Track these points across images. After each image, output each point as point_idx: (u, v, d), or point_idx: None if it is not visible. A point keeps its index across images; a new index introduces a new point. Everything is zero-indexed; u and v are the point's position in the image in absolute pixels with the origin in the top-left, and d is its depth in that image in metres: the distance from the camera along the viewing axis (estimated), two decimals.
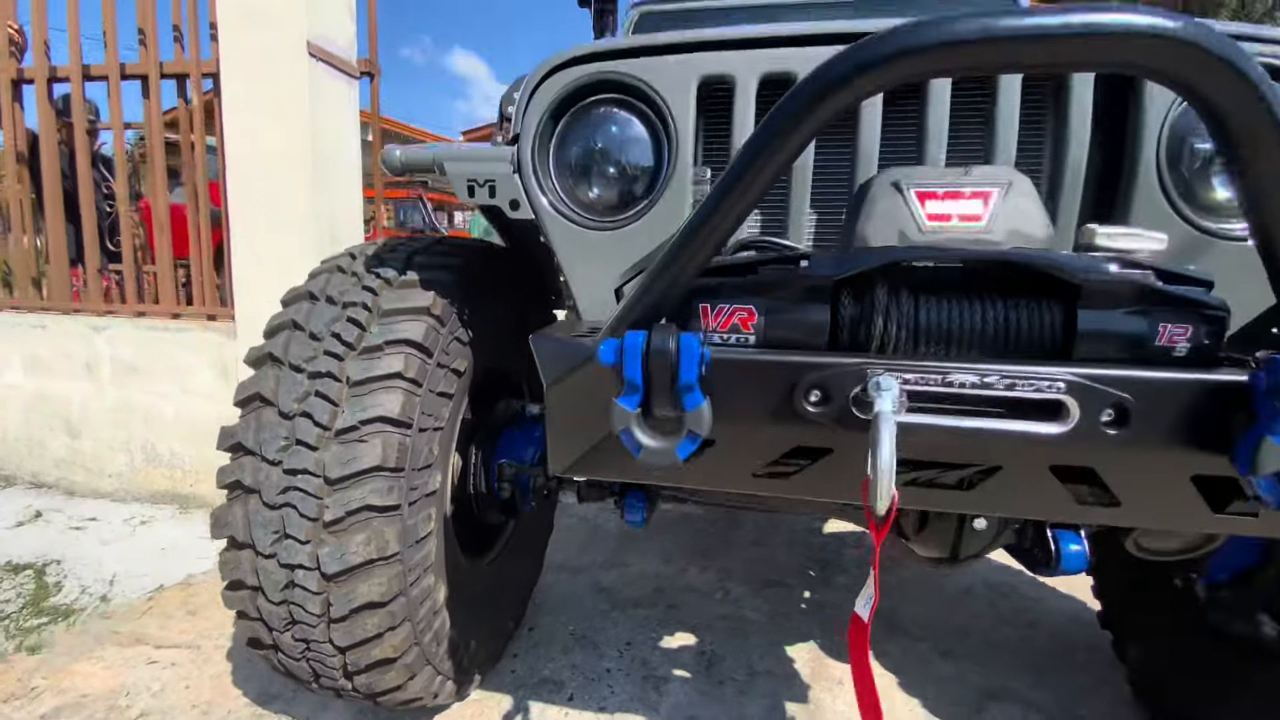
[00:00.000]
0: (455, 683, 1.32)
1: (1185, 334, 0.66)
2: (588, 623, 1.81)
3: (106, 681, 1.55)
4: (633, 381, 0.68)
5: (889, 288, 0.72)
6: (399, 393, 1.07)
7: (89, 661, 1.63)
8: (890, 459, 0.58)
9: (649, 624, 1.82)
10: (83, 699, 1.49)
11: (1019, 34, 0.50)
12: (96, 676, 1.57)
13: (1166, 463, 0.65)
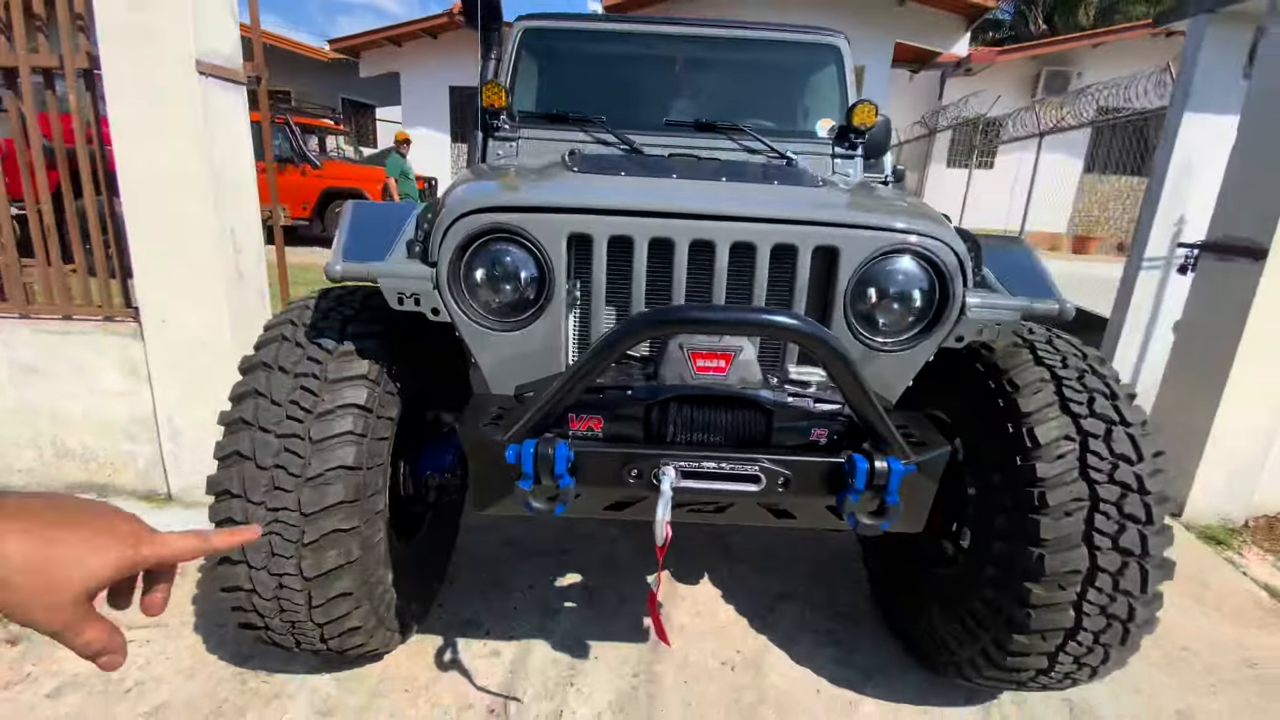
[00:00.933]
0: (400, 634, 1.80)
1: (825, 433, 1.23)
2: (497, 573, 2.33)
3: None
4: (526, 472, 1.14)
5: (676, 407, 1.22)
6: (351, 446, 1.45)
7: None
8: (664, 514, 1.10)
9: (546, 568, 2.37)
10: (76, 677, 1.81)
11: (721, 319, 0.98)
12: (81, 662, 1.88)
13: (813, 501, 1.23)
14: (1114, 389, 1.54)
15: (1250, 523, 3.04)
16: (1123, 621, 1.45)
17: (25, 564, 0.51)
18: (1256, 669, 2.07)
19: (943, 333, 1.41)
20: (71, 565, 0.52)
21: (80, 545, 0.53)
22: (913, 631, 1.92)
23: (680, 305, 1.05)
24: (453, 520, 2.32)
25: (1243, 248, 2.76)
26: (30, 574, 0.51)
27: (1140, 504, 1.42)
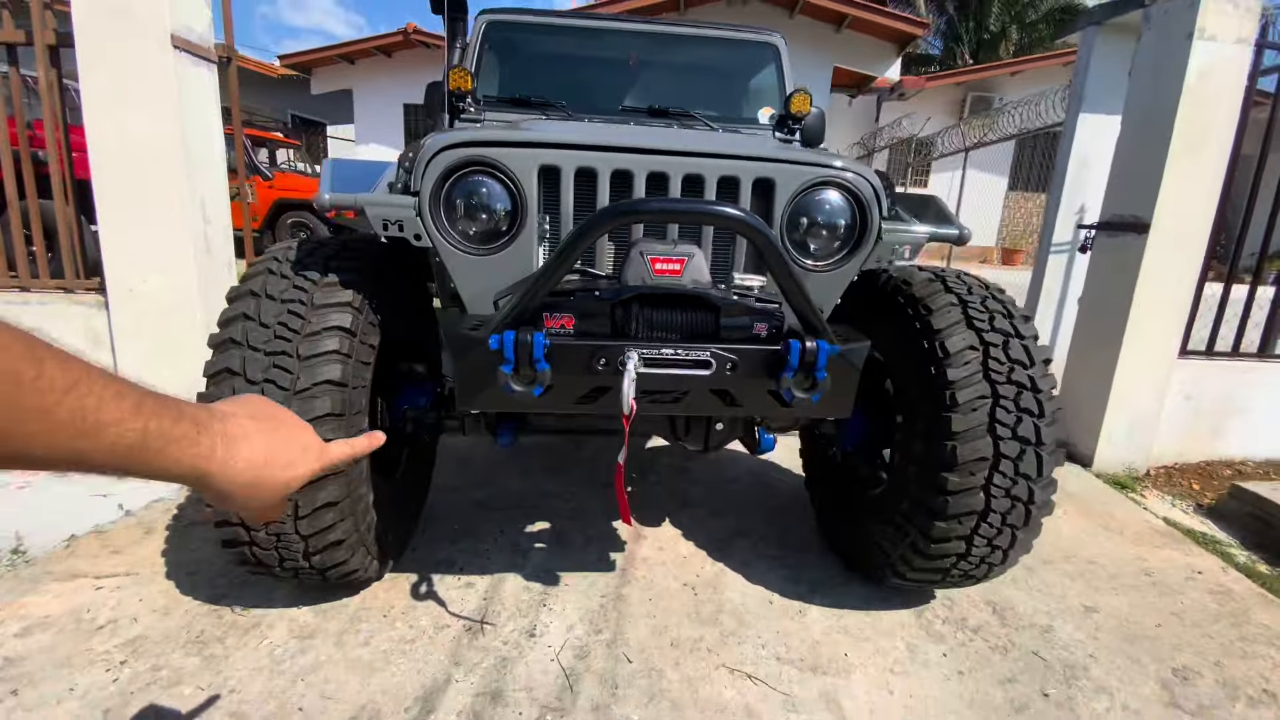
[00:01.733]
0: (378, 562, 1.89)
1: (765, 328, 1.43)
2: (469, 523, 2.43)
3: (62, 605, 1.89)
4: (508, 358, 1.29)
5: (638, 305, 1.40)
6: (337, 364, 1.57)
7: (37, 595, 1.93)
8: (630, 387, 1.27)
9: (515, 519, 2.48)
10: (46, 619, 1.83)
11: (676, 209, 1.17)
12: (50, 604, 1.89)
13: (757, 385, 1.42)
14: (1010, 310, 1.80)
15: (1151, 471, 3.40)
16: (1024, 503, 1.68)
17: (266, 460, 0.62)
18: (1152, 576, 2.36)
19: (864, 254, 1.64)
20: (286, 470, 0.64)
21: (291, 452, 0.65)
22: (853, 547, 2.13)
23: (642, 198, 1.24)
24: (427, 466, 2.42)
25: (1129, 224, 3.15)
26: (261, 475, 0.61)
27: (1034, 400, 1.67)
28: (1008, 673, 1.80)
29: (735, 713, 1.60)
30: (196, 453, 0.56)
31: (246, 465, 0.60)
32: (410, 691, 1.61)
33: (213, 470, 0.58)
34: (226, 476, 0.59)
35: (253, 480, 0.61)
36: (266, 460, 0.62)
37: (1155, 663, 1.88)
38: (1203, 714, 1.70)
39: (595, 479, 2.84)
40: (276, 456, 0.63)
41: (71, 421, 0.45)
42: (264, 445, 0.62)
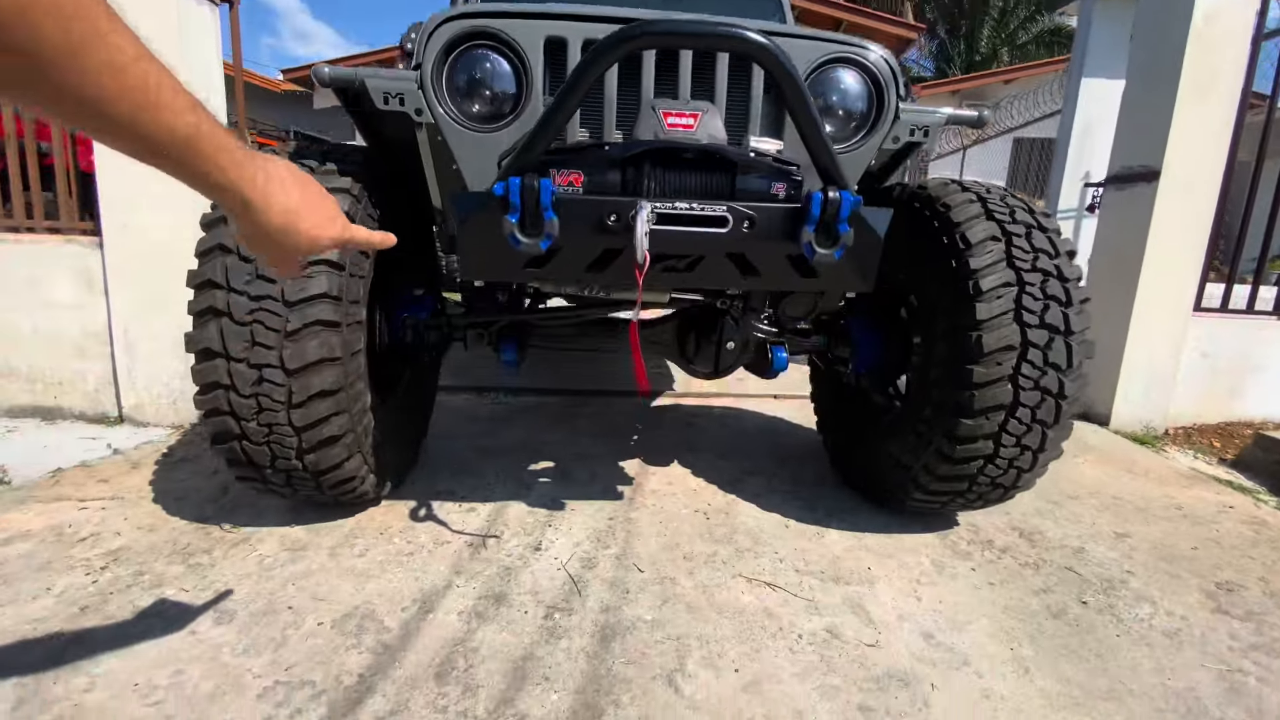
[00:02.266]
0: (375, 476, 1.79)
1: (783, 188, 1.36)
2: (469, 462, 2.33)
3: (44, 521, 1.79)
4: (514, 204, 1.22)
5: (650, 163, 1.34)
6: None
7: (19, 513, 1.83)
8: (643, 237, 1.20)
9: (519, 460, 2.38)
10: (27, 532, 1.73)
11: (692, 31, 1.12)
12: (32, 521, 1.79)
13: (775, 249, 1.35)
14: (1031, 206, 1.74)
15: (1169, 431, 3.31)
16: (1054, 396, 1.59)
17: (299, 209, 0.66)
18: (1183, 510, 2.25)
19: (881, 133, 1.58)
20: (315, 228, 0.68)
21: (320, 212, 0.69)
22: (871, 473, 2.03)
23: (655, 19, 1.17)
24: (424, 400, 2.33)
25: (1138, 174, 3.11)
26: (292, 222, 0.66)
27: (1061, 288, 1.60)
28: (1041, 584, 1.69)
29: (754, 615, 1.49)
30: (241, 174, 0.60)
31: (281, 208, 0.64)
32: (408, 594, 1.51)
33: (254, 199, 0.62)
34: (264, 209, 0.63)
35: (284, 225, 0.65)
36: (299, 209, 0.66)
37: (1196, 578, 1.77)
38: (1252, 619, 1.59)
39: (600, 429, 2.75)
40: (307, 211, 0.67)
41: (139, 89, 0.49)
42: (298, 195, 0.66)
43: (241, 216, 0.64)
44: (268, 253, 0.69)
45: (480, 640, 1.36)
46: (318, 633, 1.36)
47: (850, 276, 1.41)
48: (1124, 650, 1.44)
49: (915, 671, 1.33)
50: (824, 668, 1.32)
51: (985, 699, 1.26)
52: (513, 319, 1.85)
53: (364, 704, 1.17)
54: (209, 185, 0.59)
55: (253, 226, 0.65)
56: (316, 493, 1.70)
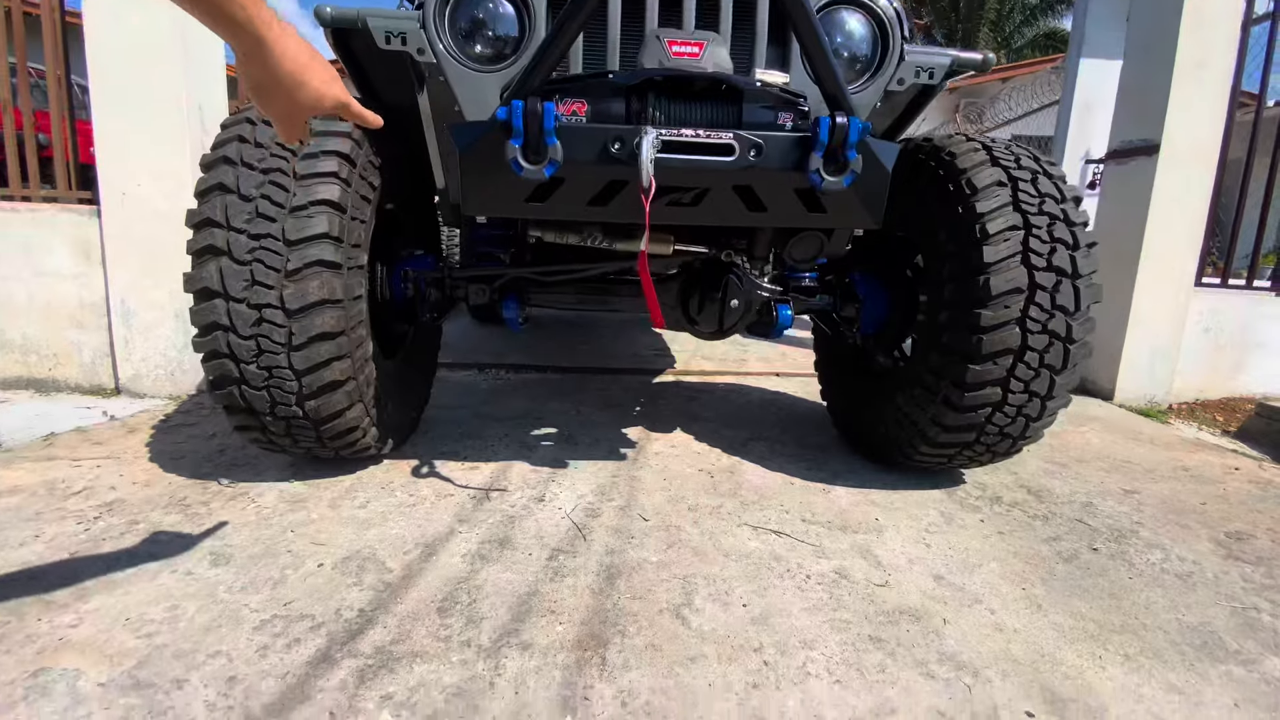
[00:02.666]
0: (378, 430, 1.77)
1: (791, 118, 1.35)
2: (472, 428, 2.31)
3: (36, 477, 1.76)
4: (517, 128, 1.21)
5: (654, 96, 1.32)
6: (336, 185, 1.48)
7: (10, 470, 1.80)
8: (649, 154, 1.18)
9: (522, 425, 2.36)
10: (15, 488, 1.70)
11: None
12: (24, 477, 1.76)
13: (783, 182, 1.34)
14: (1037, 155, 1.73)
15: (1173, 406, 3.29)
16: (1063, 340, 1.58)
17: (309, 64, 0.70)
18: (1190, 471, 2.24)
19: (887, 74, 1.58)
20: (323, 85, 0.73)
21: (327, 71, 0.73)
22: (876, 431, 2.01)
23: None
24: (426, 366, 2.31)
25: (1139, 148, 3.11)
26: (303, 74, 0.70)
27: (1068, 231, 1.59)
28: (1051, 534, 1.67)
29: (762, 558, 1.47)
30: (259, 14, 0.64)
31: (293, 57, 0.69)
32: (410, 540, 1.48)
33: (269, 40, 0.66)
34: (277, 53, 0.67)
35: (294, 72, 0.69)
36: (309, 64, 0.71)
37: (1206, 529, 1.75)
38: (1263, 563, 1.57)
39: (602, 404, 2.73)
40: (316, 67, 0.72)
41: None
42: (307, 51, 0.71)
43: (253, 57, 0.67)
44: (275, 106, 0.72)
45: (484, 579, 1.33)
46: (317, 573, 1.34)
47: (858, 210, 1.40)
48: (1138, 590, 1.42)
49: (926, 608, 1.30)
50: (833, 604, 1.30)
51: (998, 631, 1.24)
52: (515, 274, 1.82)
53: (364, 634, 1.15)
54: (227, 18, 0.63)
55: (263, 70, 0.68)
56: (317, 444, 1.68)
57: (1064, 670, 1.14)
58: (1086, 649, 1.20)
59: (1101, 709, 1.05)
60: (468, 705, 0.99)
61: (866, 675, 1.10)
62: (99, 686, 1.00)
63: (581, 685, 1.04)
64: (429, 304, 1.91)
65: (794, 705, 1.02)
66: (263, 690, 1.01)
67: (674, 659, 1.12)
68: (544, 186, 1.30)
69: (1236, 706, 1.08)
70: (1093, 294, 1.59)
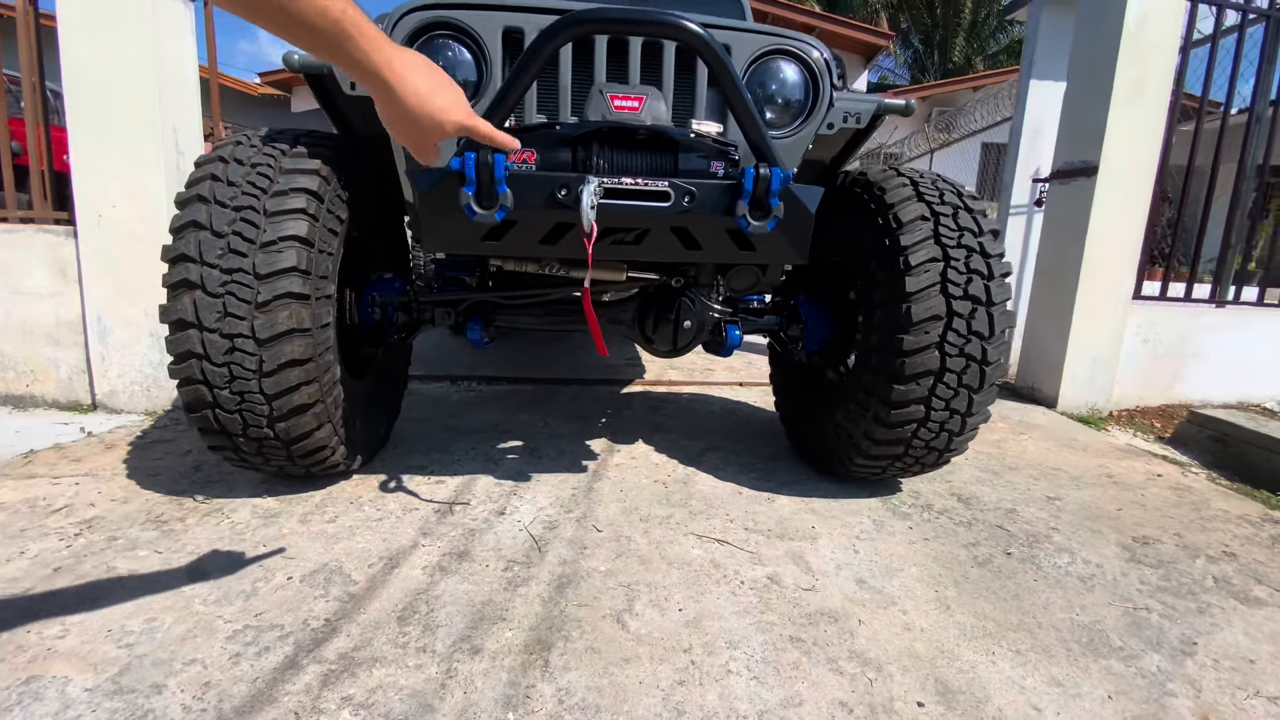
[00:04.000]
0: (346, 449, 1.87)
1: (722, 166, 1.48)
2: (440, 441, 2.41)
3: (17, 495, 1.84)
4: (470, 178, 1.33)
5: (599, 144, 1.45)
6: (304, 221, 1.59)
7: None
8: (589, 208, 1.31)
9: (489, 439, 2.47)
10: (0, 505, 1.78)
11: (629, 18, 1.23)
12: (6, 495, 1.84)
13: (715, 224, 1.47)
14: (960, 189, 1.88)
15: (1114, 413, 3.49)
16: (979, 362, 1.73)
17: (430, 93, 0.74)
18: (1114, 478, 2.41)
19: (817, 120, 1.72)
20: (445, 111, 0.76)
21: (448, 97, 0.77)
22: (819, 441, 2.15)
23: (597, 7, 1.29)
24: (396, 385, 2.41)
25: (1079, 169, 3.30)
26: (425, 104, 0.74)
27: (984, 263, 1.74)
28: (972, 539, 1.82)
29: (702, 565, 1.60)
30: (381, 57, 0.69)
31: (413, 91, 0.73)
32: (375, 553, 1.59)
33: (391, 80, 0.71)
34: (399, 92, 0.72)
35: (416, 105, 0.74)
36: (430, 92, 0.75)
37: (1116, 533, 1.92)
38: (1163, 566, 1.74)
39: (571, 413, 2.85)
40: (437, 95, 0.75)
41: None
42: (426, 79, 0.75)
43: (380, 97, 0.73)
44: (406, 136, 0.78)
45: (442, 590, 1.45)
46: (287, 586, 1.44)
47: (784, 248, 1.53)
48: (1039, 592, 1.57)
49: (845, 610, 1.44)
50: (761, 607, 1.43)
51: (906, 630, 1.38)
52: (478, 298, 1.94)
53: (329, 642, 1.26)
54: (352, 63, 0.69)
55: (389, 107, 0.74)
56: (288, 463, 1.78)
57: (959, 665, 1.28)
58: (983, 646, 1.35)
59: (986, 699, 1.19)
60: (421, 705, 1.11)
61: (782, 672, 1.23)
62: (86, 692, 1.10)
63: (525, 685, 1.17)
64: (396, 326, 2.02)
65: (713, 699, 1.15)
66: (234, 694, 1.12)
67: (610, 660, 1.24)
68: (498, 228, 1.42)
69: (1110, 698, 1.23)
70: (1006, 320, 1.74)
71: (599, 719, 1.10)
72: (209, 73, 2.98)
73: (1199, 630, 1.47)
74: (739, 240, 1.50)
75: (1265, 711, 1.22)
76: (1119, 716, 1.18)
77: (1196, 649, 1.40)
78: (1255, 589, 1.67)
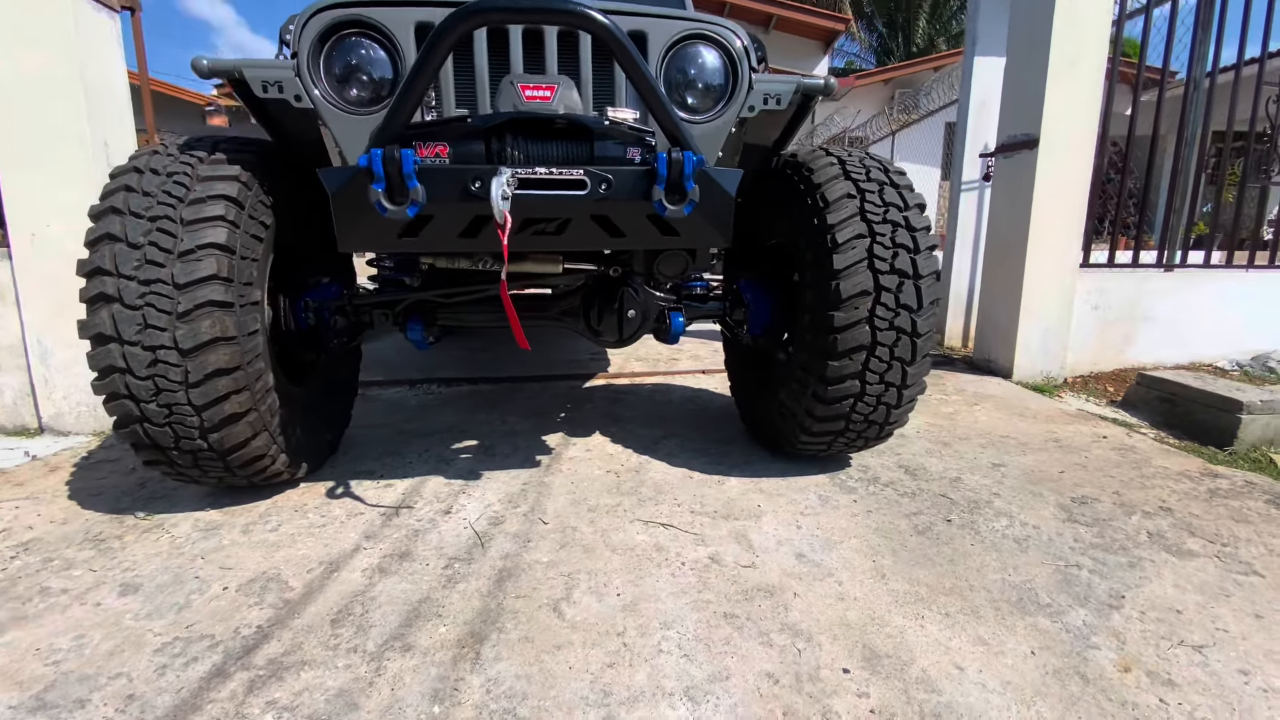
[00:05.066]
0: (288, 456, 1.85)
1: (639, 152, 1.49)
2: (393, 445, 2.40)
3: None
4: (378, 174, 1.32)
5: (512, 135, 1.45)
6: (223, 228, 1.57)
7: None
8: (498, 195, 1.30)
9: (444, 440, 2.46)
10: None
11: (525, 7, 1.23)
12: None
13: (635, 210, 1.47)
14: (886, 166, 1.90)
15: (1068, 380, 3.55)
16: (909, 334, 1.75)
17: None
18: (1060, 442, 2.46)
19: (738, 104, 1.72)
20: None
21: None
22: (767, 422, 2.17)
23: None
24: (347, 386, 2.38)
25: (1021, 142, 3.35)
26: None
27: (909, 236, 1.76)
28: (914, 509, 1.85)
29: (645, 550, 1.61)
30: None
31: None
32: (315, 559, 1.58)
33: None
34: None
35: None
36: None
37: (1055, 495, 1.96)
38: (1098, 524, 1.78)
39: (530, 411, 2.84)
40: None
41: None
42: None
43: None
44: None
45: (380, 590, 1.44)
46: (222, 596, 1.43)
47: (706, 231, 1.54)
48: (975, 556, 1.60)
49: (782, 584, 1.46)
50: (699, 587, 1.45)
51: (840, 600, 1.40)
52: (415, 298, 1.93)
53: (259, 649, 1.25)
54: None
55: None
56: (227, 474, 1.75)
57: (888, 631, 1.30)
58: (913, 610, 1.37)
59: (911, 661, 1.22)
60: (346, 704, 1.11)
61: (712, 648, 1.24)
62: (9, 710, 1.09)
63: (454, 678, 1.17)
64: (335, 331, 2.00)
65: (641, 679, 1.16)
66: (158, 705, 1.11)
67: (543, 648, 1.24)
68: (413, 223, 1.41)
69: (1033, 654, 1.26)
70: (934, 292, 1.76)
71: (525, 705, 1.10)
72: (139, 78, 2.92)
73: (1128, 584, 1.50)
74: (660, 226, 1.51)
75: (1189, 660, 1.26)
76: (1040, 671, 1.20)
77: (1124, 602, 1.43)
78: (1188, 541, 1.71)
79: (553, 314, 2.20)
